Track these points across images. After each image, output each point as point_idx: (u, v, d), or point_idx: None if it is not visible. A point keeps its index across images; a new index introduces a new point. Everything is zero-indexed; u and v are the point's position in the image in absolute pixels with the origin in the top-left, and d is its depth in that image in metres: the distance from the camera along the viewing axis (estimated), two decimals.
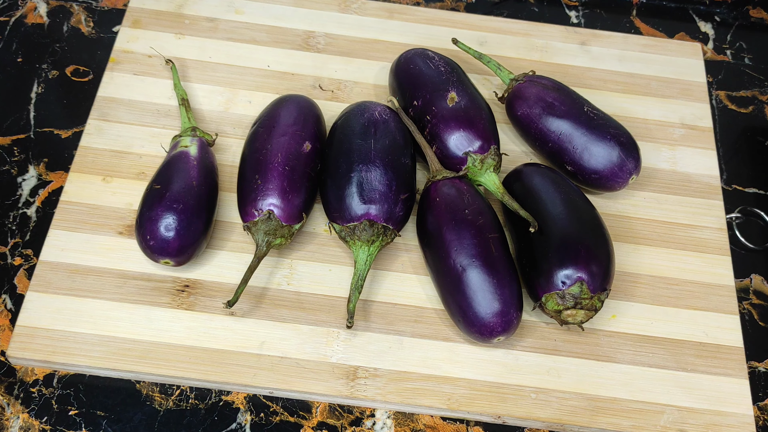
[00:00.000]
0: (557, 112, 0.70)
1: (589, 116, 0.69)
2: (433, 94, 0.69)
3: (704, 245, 0.71)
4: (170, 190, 0.63)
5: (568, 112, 0.70)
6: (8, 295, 0.66)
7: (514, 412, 0.62)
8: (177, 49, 0.78)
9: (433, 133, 0.68)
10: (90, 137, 0.72)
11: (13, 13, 0.81)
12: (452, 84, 0.70)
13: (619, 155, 0.68)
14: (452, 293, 0.61)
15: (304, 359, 0.63)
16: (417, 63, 0.72)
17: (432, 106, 0.68)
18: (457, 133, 0.67)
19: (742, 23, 0.90)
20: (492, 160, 0.67)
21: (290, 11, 0.82)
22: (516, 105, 0.73)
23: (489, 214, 0.64)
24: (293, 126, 0.67)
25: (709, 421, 0.62)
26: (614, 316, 0.67)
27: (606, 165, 0.69)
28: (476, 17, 0.84)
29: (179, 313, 0.64)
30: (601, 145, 0.69)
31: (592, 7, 0.89)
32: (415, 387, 0.62)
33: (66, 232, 0.67)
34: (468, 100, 0.69)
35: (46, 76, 0.77)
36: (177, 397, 0.62)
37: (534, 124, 0.71)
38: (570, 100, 0.71)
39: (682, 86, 0.81)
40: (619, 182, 0.69)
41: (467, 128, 0.67)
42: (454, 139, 0.67)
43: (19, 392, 0.61)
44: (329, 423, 0.62)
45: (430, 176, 0.67)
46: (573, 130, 0.69)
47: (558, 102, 0.70)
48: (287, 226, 0.64)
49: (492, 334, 0.61)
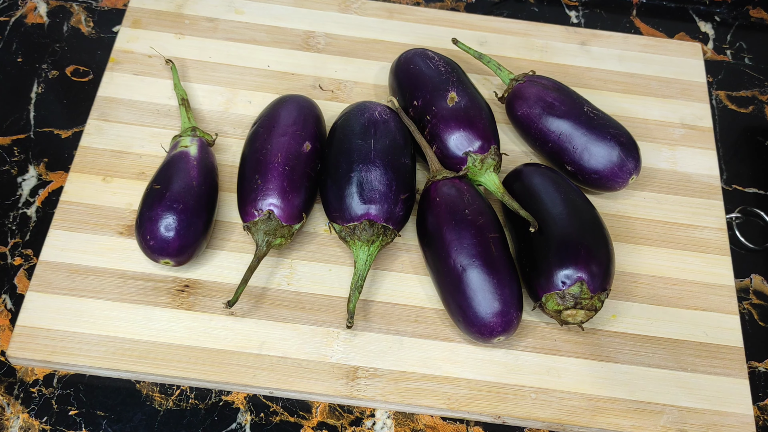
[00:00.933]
0: (557, 112, 0.70)
1: (589, 116, 0.69)
2: (433, 94, 0.69)
3: (704, 245, 0.71)
4: (170, 190, 0.63)
5: (568, 112, 0.70)
6: (8, 295, 0.66)
7: (514, 412, 0.62)
8: (177, 49, 0.78)
9: (433, 132, 0.68)
10: (90, 137, 0.72)
11: (13, 13, 0.81)
12: (452, 84, 0.70)
13: (619, 155, 0.68)
14: (452, 293, 0.61)
15: (304, 359, 0.63)
16: (417, 63, 0.72)
17: (432, 106, 0.68)
18: (457, 133, 0.67)
19: (742, 23, 0.90)
20: (492, 160, 0.67)
21: (290, 11, 0.82)
22: (516, 105, 0.73)
23: (489, 214, 0.64)
24: (293, 126, 0.67)
25: (709, 421, 0.62)
26: (614, 316, 0.67)
27: (606, 165, 0.69)
28: (476, 17, 0.84)
29: (179, 313, 0.64)
30: (601, 145, 0.69)
31: (592, 7, 0.89)
32: (415, 387, 0.62)
33: (66, 232, 0.67)
34: (468, 100, 0.69)
35: (46, 76, 0.77)
36: (177, 397, 0.62)
37: (534, 124, 0.71)
38: (570, 100, 0.71)
39: (682, 86, 0.81)
40: (619, 182, 0.69)
41: (467, 128, 0.67)
42: (454, 138, 0.67)
43: (19, 392, 0.61)
44: (329, 423, 0.62)
45: (430, 176, 0.67)
46: (573, 130, 0.69)
47: (558, 102, 0.70)
48: (287, 226, 0.64)
49: (492, 334, 0.61)
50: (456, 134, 0.67)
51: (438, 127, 0.67)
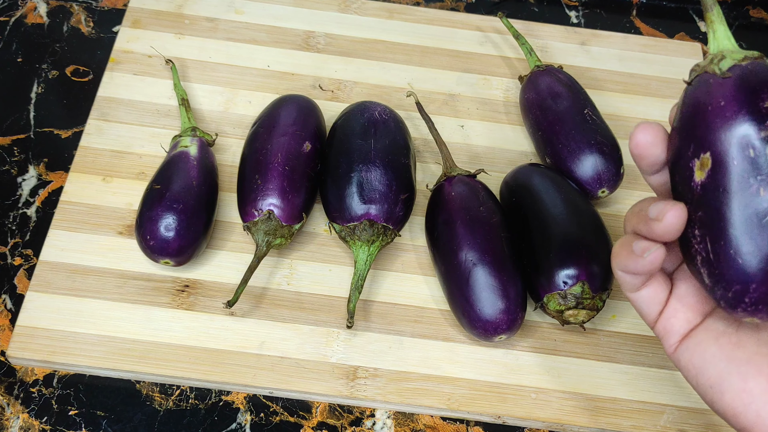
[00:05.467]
0: (557, 105, 0.70)
1: (584, 118, 0.69)
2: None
3: None
4: (170, 190, 0.63)
5: (567, 108, 0.70)
6: (8, 295, 0.66)
7: (514, 412, 0.62)
8: (177, 49, 0.78)
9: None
10: (90, 137, 0.72)
11: (13, 13, 0.81)
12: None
13: (595, 163, 0.67)
14: (460, 287, 0.61)
15: (304, 359, 0.63)
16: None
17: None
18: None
19: (742, 23, 0.90)
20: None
21: (290, 11, 0.82)
22: (527, 88, 0.74)
23: (501, 215, 0.64)
24: (293, 126, 0.67)
25: (709, 421, 0.62)
26: (614, 316, 0.67)
27: (580, 167, 0.68)
28: (476, 17, 0.84)
29: (179, 313, 0.64)
30: (581, 147, 0.68)
31: (592, 7, 0.89)
32: (415, 387, 0.62)
33: (66, 232, 0.67)
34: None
35: (46, 76, 0.77)
36: (177, 397, 0.62)
37: (534, 109, 0.72)
38: (575, 98, 0.71)
39: (682, 86, 0.81)
40: (588, 189, 0.68)
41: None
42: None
43: (19, 392, 0.61)
44: (329, 423, 0.62)
45: (446, 171, 0.67)
46: (563, 125, 0.69)
47: (562, 97, 0.71)
48: (287, 226, 0.64)
49: (496, 332, 0.61)
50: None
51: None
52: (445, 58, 0.80)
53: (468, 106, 0.78)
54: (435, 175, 0.72)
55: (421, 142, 0.75)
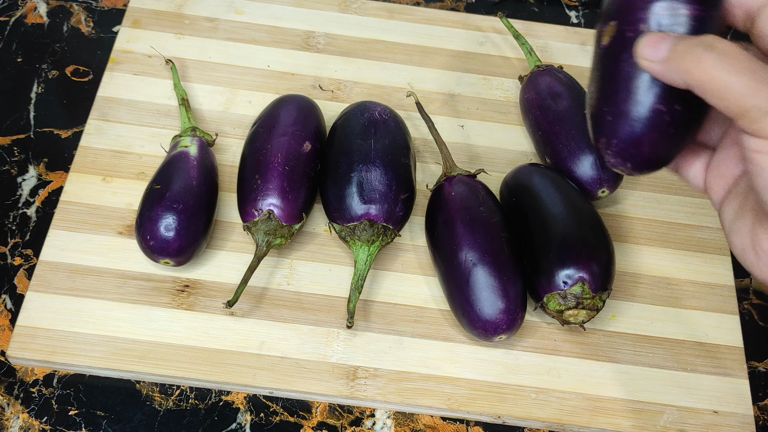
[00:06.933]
0: (557, 105, 0.70)
1: (584, 118, 0.69)
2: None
3: (704, 245, 0.71)
4: (170, 190, 0.63)
5: (567, 108, 0.70)
6: (8, 295, 0.66)
7: (514, 412, 0.62)
8: (177, 49, 0.78)
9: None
10: (90, 137, 0.72)
11: (13, 13, 0.81)
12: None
13: (594, 163, 0.68)
14: (460, 287, 0.61)
15: (304, 359, 0.63)
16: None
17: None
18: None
19: None
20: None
21: (290, 11, 0.82)
22: (527, 88, 0.74)
23: (501, 215, 0.64)
24: (293, 126, 0.67)
25: (709, 421, 0.62)
26: (614, 316, 0.67)
27: (580, 168, 0.68)
28: (476, 17, 0.84)
29: (179, 313, 0.64)
30: (581, 147, 0.68)
31: (592, 7, 0.89)
32: (415, 387, 0.62)
33: (66, 232, 0.67)
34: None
35: (46, 76, 0.77)
36: (177, 397, 0.62)
37: (534, 109, 0.72)
38: (575, 98, 0.71)
39: None
40: (588, 190, 0.68)
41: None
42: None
43: (19, 392, 0.61)
44: (329, 423, 0.62)
45: (446, 171, 0.67)
46: (563, 125, 0.69)
47: (562, 97, 0.71)
48: (287, 226, 0.64)
49: (496, 332, 0.61)
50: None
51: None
52: (445, 58, 0.80)
53: (468, 106, 0.78)
54: (435, 175, 0.72)
55: (421, 142, 0.75)
